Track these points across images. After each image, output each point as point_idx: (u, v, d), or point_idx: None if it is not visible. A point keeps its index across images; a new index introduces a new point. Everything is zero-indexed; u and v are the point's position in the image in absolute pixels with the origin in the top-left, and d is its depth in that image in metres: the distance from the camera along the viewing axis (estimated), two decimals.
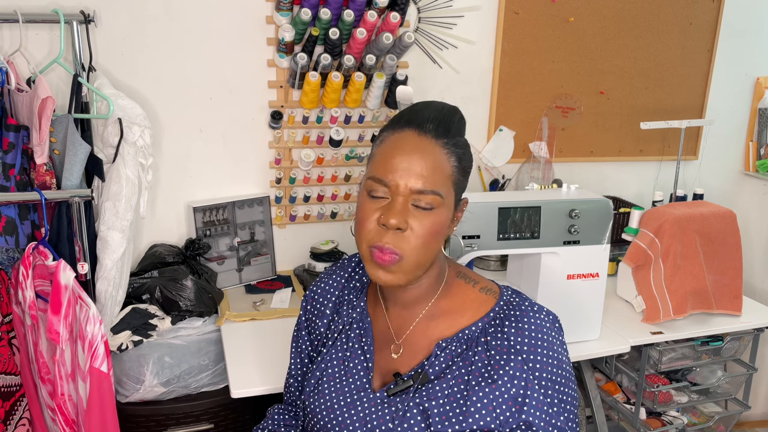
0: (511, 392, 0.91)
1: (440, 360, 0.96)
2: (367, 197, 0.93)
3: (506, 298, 0.99)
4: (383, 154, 0.93)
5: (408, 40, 1.81)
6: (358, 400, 0.99)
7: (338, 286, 1.11)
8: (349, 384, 1.01)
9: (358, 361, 1.02)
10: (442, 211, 0.92)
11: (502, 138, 2.22)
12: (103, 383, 1.39)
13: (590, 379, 1.90)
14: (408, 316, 1.01)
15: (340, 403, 1.00)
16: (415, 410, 0.93)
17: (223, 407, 1.69)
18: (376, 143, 0.97)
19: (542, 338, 0.94)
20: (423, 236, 0.91)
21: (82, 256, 1.53)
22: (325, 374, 1.03)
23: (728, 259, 1.86)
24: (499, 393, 0.91)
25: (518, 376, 0.92)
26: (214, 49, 1.85)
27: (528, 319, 0.95)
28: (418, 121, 0.93)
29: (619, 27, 2.23)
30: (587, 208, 1.55)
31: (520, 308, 0.96)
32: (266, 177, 2.00)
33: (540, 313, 0.96)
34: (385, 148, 0.94)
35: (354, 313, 1.06)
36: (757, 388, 2.53)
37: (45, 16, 1.62)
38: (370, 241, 0.91)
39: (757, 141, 2.53)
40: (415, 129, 0.92)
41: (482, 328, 0.96)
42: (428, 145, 0.91)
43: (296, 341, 1.15)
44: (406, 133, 0.93)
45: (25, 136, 1.53)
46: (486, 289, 1.01)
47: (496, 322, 0.96)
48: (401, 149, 0.91)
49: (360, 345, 1.03)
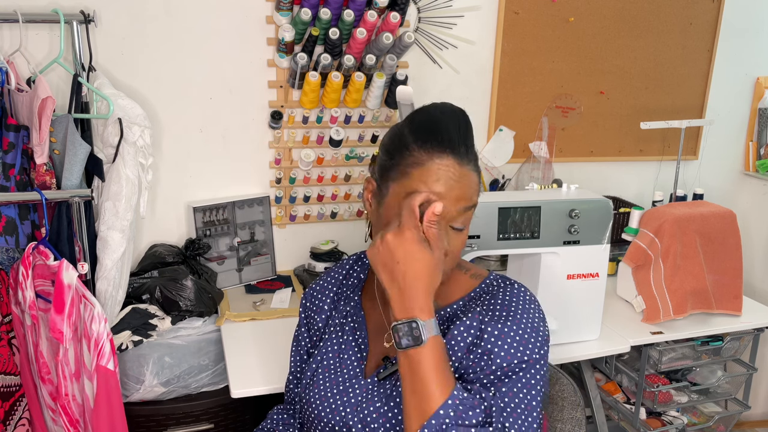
0: (467, 340, 0.93)
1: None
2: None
3: (489, 280, 1.02)
4: (425, 178, 0.92)
5: (408, 40, 1.81)
6: (350, 387, 1.01)
7: (336, 282, 1.14)
8: (343, 374, 1.03)
9: (352, 352, 1.05)
10: (468, 223, 0.98)
11: (502, 138, 2.22)
12: (110, 381, 1.40)
13: (590, 379, 1.90)
14: None
15: (333, 391, 1.01)
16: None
17: (223, 407, 1.68)
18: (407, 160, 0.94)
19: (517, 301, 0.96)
20: (454, 254, 0.97)
21: (82, 256, 1.53)
22: (321, 366, 1.05)
23: (728, 259, 1.86)
24: (455, 342, 0.93)
25: (477, 320, 0.94)
26: (214, 49, 1.85)
27: (504, 294, 0.97)
28: (454, 145, 0.93)
29: (619, 27, 2.23)
30: (587, 208, 1.55)
31: (500, 286, 1.00)
32: (266, 177, 2.00)
33: (522, 287, 0.99)
34: (428, 173, 0.92)
35: (348, 307, 1.09)
36: (757, 388, 2.53)
37: (45, 16, 1.62)
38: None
39: (757, 141, 2.53)
40: (455, 157, 0.93)
41: (462, 304, 1.00)
42: (468, 172, 0.95)
43: (296, 340, 1.16)
44: (446, 161, 0.92)
45: (25, 136, 1.53)
46: (475, 275, 1.05)
47: (474, 297, 1.00)
48: (447, 178, 0.92)
49: (354, 337, 1.06)
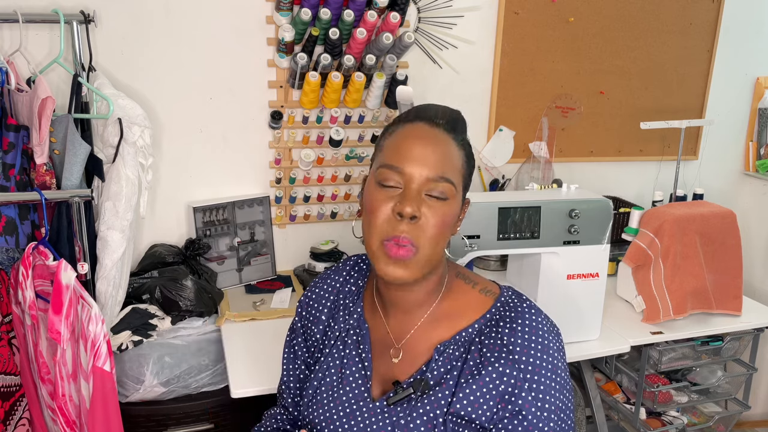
0: (500, 389, 0.88)
1: (439, 364, 0.93)
2: (377, 187, 0.90)
3: (504, 298, 0.96)
4: (395, 144, 0.91)
5: (408, 40, 1.81)
6: (357, 410, 0.96)
7: (333, 290, 1.08)
8: (346, 393, 0.98)
9: (356, 368, 0.99)
10: (453, 203, 0.91)
11: (502, 138, 2.22)
12: (107, 382, 1.39)
13: (590, 379, 1.90)
14: (408, 321, 0.98)
15: (339, 413, 0.97)
16: (419, 420, 0.91)
17: (223, 407, 1.68)
18: (384, 136, 0.96)
19: (537, 340, 0.90)
20: (437, 226, 0.89)
21: (82, 256, 1.53)
22: (323, 383, 1.01)
23: (728, 259, 1.86)
24: (486, 390, 0.89)
25: (508, 374, 0.89)
26: (214, 49, 1.85)
27: (523, 320, 0.92)
28: (429, 116, 0.93)
29: (619, 27, 2.23)
30: (587, 208, 1.55)
31: (516, 309, 0.93)
32: (266, 177, 2.00)
33: (539, 316, 0.93)
34: (397, 138, 0.92)
35: (351, 320, 1.03)
36: (757, 388, 2.53)
37: (45, 16, 1.62)
38: (384, 233, 0.89)
39: (757, 141, 2.53)
40: (426, 122, 0.92)
41: (479, 329, 0.94)
42: (441, 136, 0.91)
43: (290, 347, 1.11)
44: (418, 125, 0.92)
45: (25, 136, 1.53)
46: (485, 290, 0.98)
47: (492, 322, 0.94)
48: (415, 138, 0.90)
49: (357, 352, 1.00)
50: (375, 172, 0.92)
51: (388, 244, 0.88)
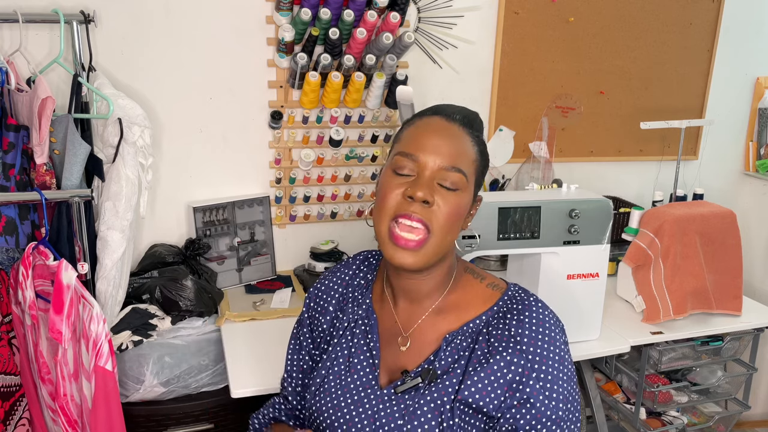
0: (507, 377, 0.91)
1: (447, 354, 0.95)
2: (392, 175, 0.94)
3: (511, 293, 0.99)
4: (412, 134, 0.96)
5: (408, 40, 1.81)
6: (365, 397, 0.98)
7: (342, 283, 1.10)
8: (354, 381, 1.00)
9: (363, 357, 1.01)
10: (465, 195, 0.94)
11: (502, 138, 2.22)
12: (109, 382, 1.39)
13: (590, 379, 1.90)
14: (416, 311, 1.01)
15: (347, 401, 0.99)
16: (426, 408, 0.93)
17: (223, 407, 1.68)
18: (402, 128, 1.00)
19: (544, 332, 0.93)
20: (449, 214, 0.92)
21: (82, 256, 1.53)
22: (331, 372, 1.02)
23: (728, 259, 1.86)
24: (494, 378, 0.91)
25: (515, 362, 0.91)
26: (214, 49, 1.85)
27: (530, 313, 0.94)
28: (447, 112, 0.97)
29: (619, 27, 2.23)
30: (587, 208, 1.55)
31: (523, 302, 0.96)
32: (266, 177, 2.00)
33: (545, 310, 0.96)
34: (415, 129, 0.96)
35: (360, 310, 1.05)
36: (757, 388, 2.53)
37: (45, 16, 1.62)
38: (396, 210, 0.91)
39: (757, 141, 2.53)
40: (444, 116, 0.96)
41: (486, 320, 0.97)
42: (456, 130, 0.95)
43: (296, 338, 1.13)
44: (435, 118, 0.96)
45: (25, 136, 1.53)
46: (493, 285, 1.01)
47: (499, 314, 0.96)
48: (431, 130, 0.95)
49: (366, 341, 1.02)
50: (390, 161, 0.96)
51: (396, 227, 0.91)
